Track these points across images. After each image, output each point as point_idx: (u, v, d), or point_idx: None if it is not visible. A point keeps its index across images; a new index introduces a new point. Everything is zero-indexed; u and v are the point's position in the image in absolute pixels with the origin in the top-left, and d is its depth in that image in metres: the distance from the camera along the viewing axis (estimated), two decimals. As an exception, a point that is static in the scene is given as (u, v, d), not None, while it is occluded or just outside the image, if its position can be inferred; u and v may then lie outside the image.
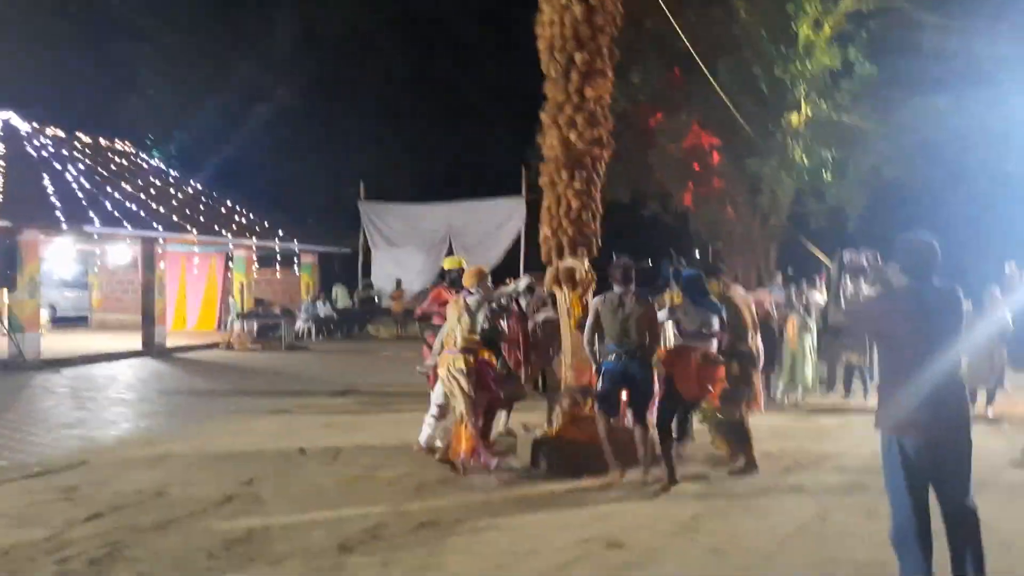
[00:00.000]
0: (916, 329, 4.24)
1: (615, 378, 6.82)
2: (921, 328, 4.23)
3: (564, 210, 7.74)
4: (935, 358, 4.21)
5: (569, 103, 7.65)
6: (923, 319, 4.24)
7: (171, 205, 19.01)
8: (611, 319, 6.84)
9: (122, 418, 10.26)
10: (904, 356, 4.28)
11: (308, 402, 11.43)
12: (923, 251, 4.35)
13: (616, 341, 6.84)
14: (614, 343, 6.85)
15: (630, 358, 6.80)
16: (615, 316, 6.82)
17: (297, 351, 18.94)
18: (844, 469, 7.62)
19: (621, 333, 6.78)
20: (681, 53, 17.95)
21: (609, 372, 6.85)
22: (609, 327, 6.89)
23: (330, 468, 7.51)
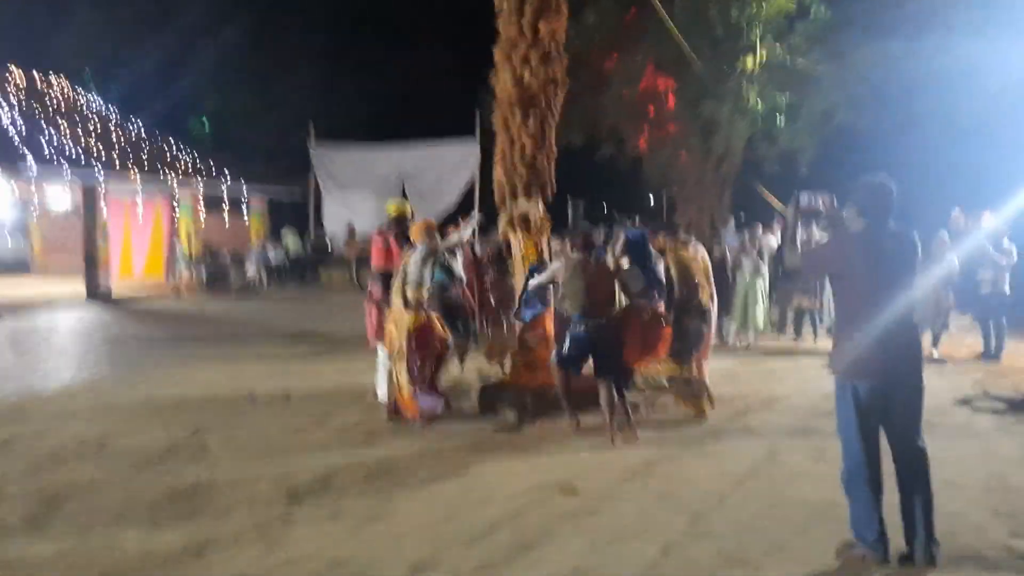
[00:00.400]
0: (871, 272, 4.20)
1: (583, 346, 6.66)
2: (876, 271, 4.19)
3: (518, 152, 7.57)
4: (889, 301, 4.18)
5: (523, 39, 7.42)
6: (878, 262, 4.20)
7: (111, 145, 18.31)
8: (573, 287, 6.71)
9: (63, 367, 9.96)
10: (859, 299, 4.25)
11: (257, 349, 11.21)
12: (880, 193, 4.29)
13: (581, 312, 6.67)
14: (579, 314, 6.69)
15: (596, 329, 6.62)
16: (577, 284, 6.67)
17: (247, 298, 18.58)
18: (794, 410, 7.69)
19: (587, 304, 6.64)
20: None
21: (577, 340, 6.67)
22: (572, 296, 6.76)
23: (279, 416, 7.37)
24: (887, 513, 4.25)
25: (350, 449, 6.32)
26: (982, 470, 5.89)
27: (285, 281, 21.92)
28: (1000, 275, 10.59)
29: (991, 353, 10.68)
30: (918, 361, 4.28)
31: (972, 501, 5.23)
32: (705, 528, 4.78)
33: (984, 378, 9.49)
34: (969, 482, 5.58)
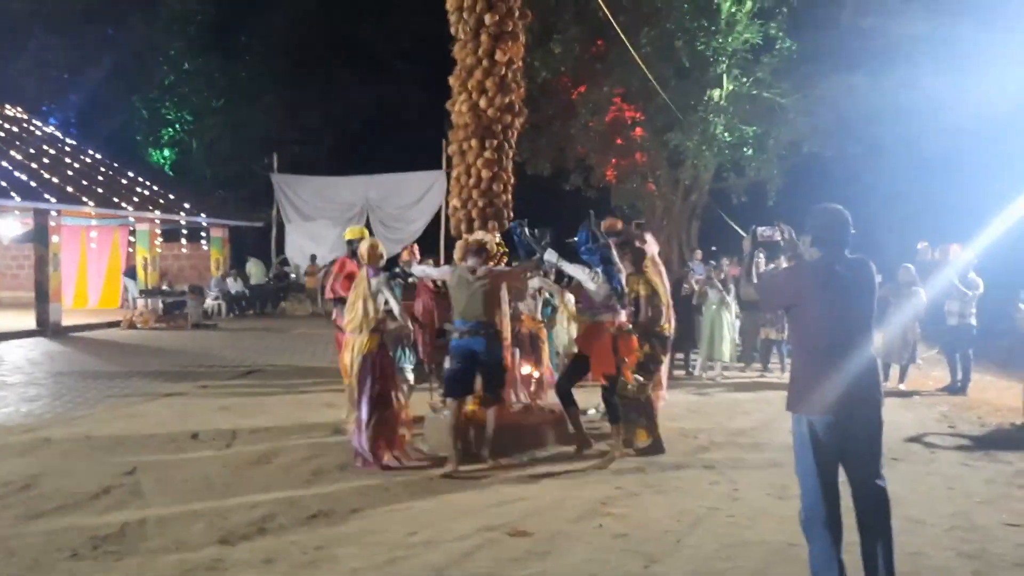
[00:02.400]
0: (826, 302, 4.01)
1: (462, 357, 6.46)
2: (831, 301, 4.00)
3: (474, 180, 7.38)
4: (846, 332, 4.00)
5: (479, 67, 7.26)
6: (833, 291, 4.01)
7: (66, 175, 17.89)
8: (458, 293, 6.49)
9: (1, 402, 9.51)
10: (814, 329, 4.05)
11: (208, 383, 10.84)
12: (834, 221, 4.12)
13: (462, 317, 6.49)
14: (460, 319, 6.50)
15: (473, 335, 6.43)
16: (462, 290, 6.47)
17: (204, 329, 18.15)
18: (759, 446, 7.48)
19: (467, 308, 6.43)
20: (603, 24, 17.69)
21: (455, 350, 6.50)
22: (456, 301, 6.56)
23: (222, 454, 7.02)
24: (847, 554, 4.02)
25: (292, 489, 6.00)
26: (947, 507, 5.70)
27: (245, 311, 21.50)
28: (967, 307, 10.52)
29: (957, 386, 10.59)
30: (876, 396, 4.07)
31: (935, 541, 5.02)
32: (661, 571, 4.53)
33: (950, 411, 9.40)
34: (933, 520, 5.39)
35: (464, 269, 6.57)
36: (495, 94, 7.22)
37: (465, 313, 6.44)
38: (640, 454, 6.96)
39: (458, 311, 6.50)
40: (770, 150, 19.84)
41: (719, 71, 19.68)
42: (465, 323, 6.43)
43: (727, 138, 19.87)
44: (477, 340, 6.40)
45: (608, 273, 6.63)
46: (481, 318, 6.41)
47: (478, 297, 6.41)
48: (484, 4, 7.16)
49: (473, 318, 6.41)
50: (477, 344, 6.39)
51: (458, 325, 6.47)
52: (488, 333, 6.44)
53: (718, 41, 19.40)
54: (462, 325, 6.44)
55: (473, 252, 6.60)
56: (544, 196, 23.23)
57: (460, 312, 6.48)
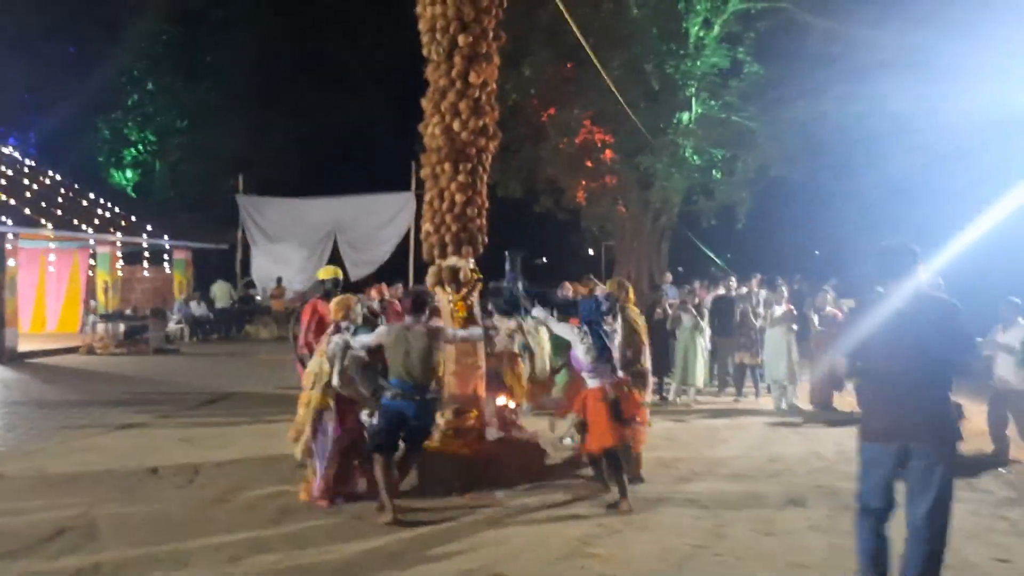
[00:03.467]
0: (889, 339, 4.08)
1: (392, 419, 6.06)
2: (902, 339, 4.06)
3: (447, 205, 7.15)
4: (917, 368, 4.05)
5: (452, 89, 7.06)
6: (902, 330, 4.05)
7: (24, 197, 17.39)
8: (394, 352, 6.10)
9: (-50, 435, 9.08)
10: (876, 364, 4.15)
11: (169, 412, 10.47)
12: (897, 259, 4.18)
13: (397, 377, 6.12)
14: (396, 379, 6.13)
15: (408, 399, 6.05)
16: (399, 349, 6.09)
17: (167, 355, 17.66)
18: (740, 476, 7.31)
19: (403, 369, 6.05)
20: (572, 47, 17.65)
21: (386, 411, 6.10)
22: (392, 361, 6.17)
23: (183, 491, 6.70)
24: None
25: (258, 528, 5.71)
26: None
27: (209, 335, 21.03)
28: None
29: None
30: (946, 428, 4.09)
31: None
32: (648, 619, 4.32)
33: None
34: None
35: (400, 327, 6.23)
36: (469, 117, 7.02)
37: (401, 373, 6.05)
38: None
39: (394, 370, 6.10)
40: (739, 173, 19.92)
41: (688, 94, 19.78)
42: (400, 384, 6.05)
43: (696, 161, 19.94)
44: (409, 405, 6.03)
45: (596, 335, 6.32)
46: (418, 380, 6.05)
47: (414, 357, 6.04)
48: (458, 25, 6.98)
49: (409, 380, 6.04)
50: (409, 409, 6.03)
51: (393, 384, 6.07)
52: (422, 399, 6.08)
53: (687, 65, 19.51)
54: (397, 386, 6.05)
55: (412, 309, 6.26)
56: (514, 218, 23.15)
57: (396, 372, 6.08)
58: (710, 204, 20.88)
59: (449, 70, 7.04)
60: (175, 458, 7.76)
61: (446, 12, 6.99)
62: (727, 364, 12.23)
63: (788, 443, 8.83)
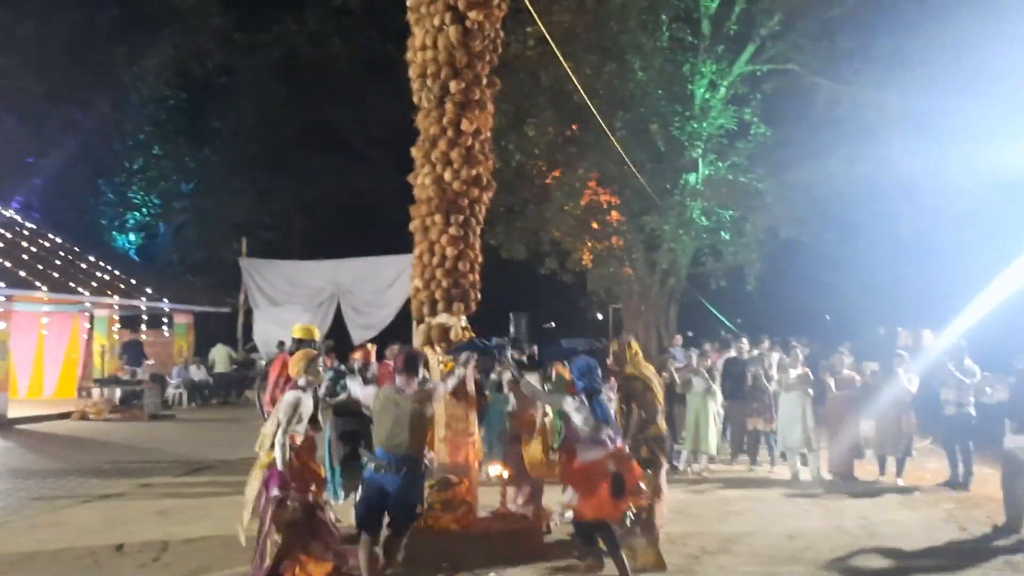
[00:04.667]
0: None
1: (373, 494, 5.49)
2: None
3: (437, 259, 6.74)
4: None
5: (443, 137, 6.70)
6: None
7: (20, 259, 17.08)
8: (381, 418, 5.53)
9: (-88, 508, 8.54)
10: None
11: (150, 482, 9.90)
12: None
13: (382, 446, 5.50)
14: (380, 448, 5.51)
15: (390, 472, 5.43)
16: (387, 415, 5.51)
17: (162, 420, 17.13)
18: (756, 555, 6.70)
19: (391, 438, 5.45)
20: (577, 107, 17.50)
21: (368, 484, 5.54)
22: (378, 427, 5.58)
23: (146, 570, 6.15)
24: None
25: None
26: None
27: (209, 400, 20.51)
28: (964, 395, 9.87)
29: (958, 480, 9.87)
30: None
31: None
32: None
33: (956, 509, 8.69)
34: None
35: (390, 390, 5.63)
36: (461, 166, 6.65)
37: (387, 443, 5.45)
38: None
39: (379, 438, 5.51)
40: (748, 234, 19.53)
41: (695, 155, 19.52)
42: (385, 455, 5.44)
43: (704, 222, 19.57)
44: (393, 479, 5.41)
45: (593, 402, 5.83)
46: (405, 451, 5.43)
47: (404, 424, 5.44)
48: (449, 71, 6.65)
49: (395, 450, 5.43)
50: (391, 483, 5.41)
51: (378, 456, 5.48)
52: (408, 471, 5.45)
53: (693, 126, 19.30)
54: (382, 457, 5.45)
55: (402, 368, 5.59)
56: (519, 280, 22.76)
57: (381, 440, 5.48)
58: (719, 266, 20.45)
59: (440, 117, 6.70)
60: (144, 533, 7.20)
61: (437, 57, 6.67)
62: (740, 430, 11.63)
63: (808, 517, 8.21)
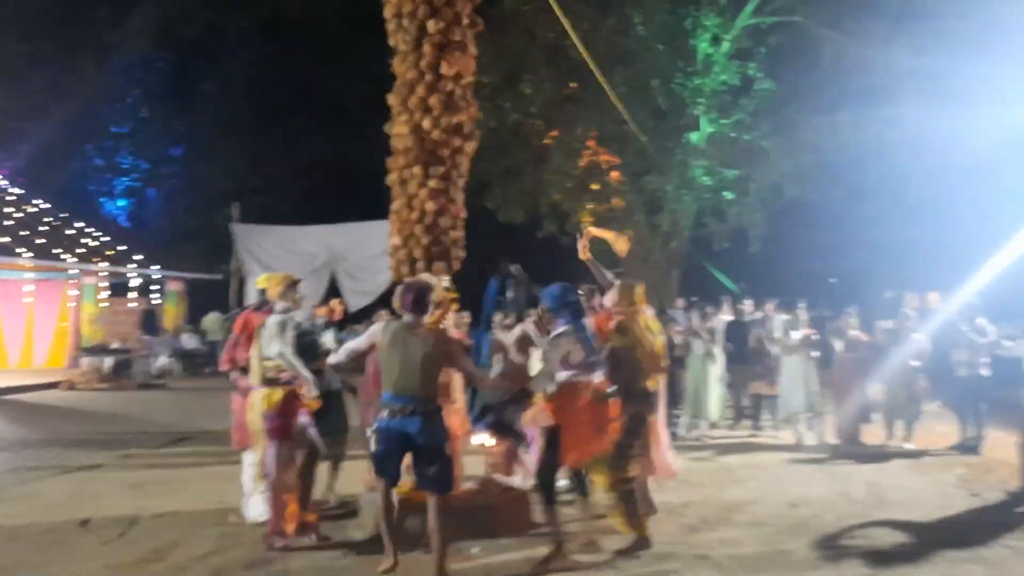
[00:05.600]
0: None
1: (391, 441, 4.99)
2: None
3: (417, 215, 6.29)
4: None
5: (421, 82, 6.22)
6: None
7: (3, 226, 16.66)
8: (391, 356, 5.01)
9: None
10: None
11: (129, 453, 9.56)
12: None
13: (393, 390, 5.00)
14: (390, 392, 5.01)
15: (408, 415, 4.92)
16: (395, 354, 5.02)
17: (152, 389, 16.83)
18: (758, 525, 6.31)
19: (400, 379, 4.96)
20: (575, 64, 16.89)
21: (383, 432, 5.01)
22: (387, 370, 5.06)
23: (108, 548, 5.75)
24: None
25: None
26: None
27: (201, 368, 20.18)
28: (976, 356, 9.45)
29: (969, 444, 9.48)
30: None
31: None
32: None
33: (968, 474, 8.29)
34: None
35: (401, 326, 5.12)
36: (441, 113, 6.16)
37: (396, 385, 4.95)
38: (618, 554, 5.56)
39: (388, 381, 4.99)
40: (752, 194, 18.97)
41: (697, 113, 18.90)
42: (397, 398, 4.93)
43: (707, 181, 19.00)
44: (410, 421, 4.89)
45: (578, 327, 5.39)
46: (417, 392, 4.94)
47: (415, 364, 4.93)
48: (426, 10, 6.12)
49: (406, 392, 4.92)
50: (410, 426, 4.89)
51: (386, 400, 4.98)
52: (426, 413, 4.93)
53: (695, 82, 18.66)
54: (392, 401, 4.94)
55: (412, 306, 5.07)
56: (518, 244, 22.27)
57: (391, 382, 4.97)
58: (722, 227, 19.88)
59: (417, 60, 6.21)
60: (114, 508, 6.82)
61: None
62: (742, 394, 11.25)
63: (813, 483, 7.82)
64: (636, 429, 5.73)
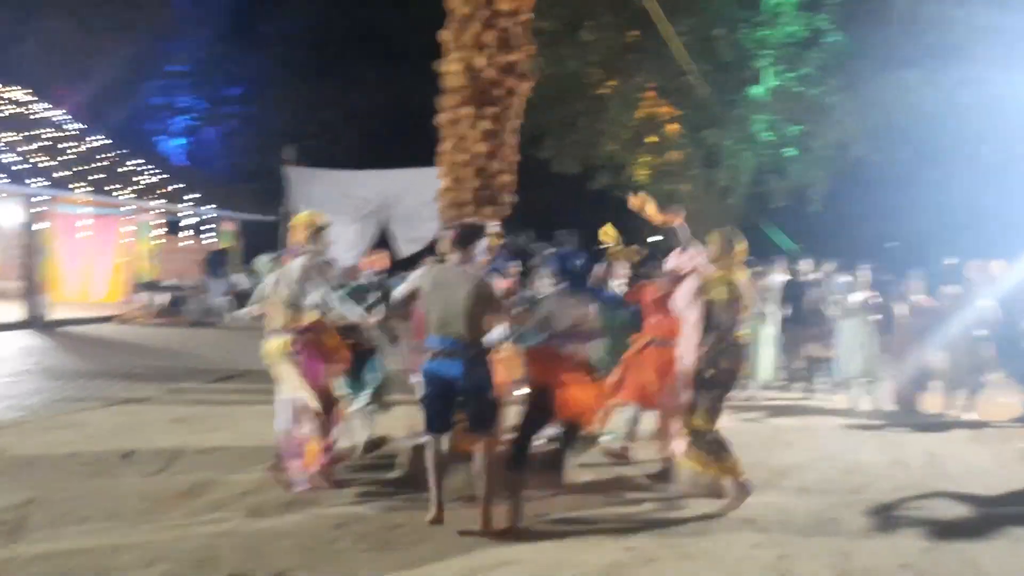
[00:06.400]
0: None
1: (436, 385, 4.91)
2: None
3: (467, 157, 6.09)
4: None
5: (476, 17, 5.96)
6: None
7: (61, 161, 16.84)
8: (433, 300, 4.92)
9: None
10: None
11: (179, 388, 9.65)
12: None
13: (437, 332, 4.88)
14: (435, 334, 4.90)
15: (451, 358, 4.84)
16: (438, 296, 4.90)
17: (205, 327, 17.06)
18: (808, 491, 6.10)
19: (442, 322, 4.86)
20: (637, 11, 16.37)
21: (427, 375, 4.96)
22: (430, 312, 4.94)
23: (149, 480, 5.78)
24: None
25: (214, 536, 4.73)
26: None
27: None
28: (1048, 326, 9.01)
29: (1035, 417, 9.09)
30: None
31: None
32: None
33: (1032, 448, 7.93)
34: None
35: (443, 269, 5.02)
36: (496, 52, 5.91)
37: (441, 327, 4.87)
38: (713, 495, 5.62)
39: (432, 323, 4.90)
40: (815, 152, 18.34)
41: (762, 65, 18.24)
42: (442, 341, 4.85)
43: (768, 137, 18.41)
44: (454, 364, 4.82)
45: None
46: (461, 335, 4.83)
47: (459, 306, 4.82)
48: (483, -60, 5.87)
49: (451, 335, 4.84)
50: (454, 369, 4.82)
51: (431, 343, 4.90)
52: (470, 355, 4.84)
53: (761, 33, 17.97)
54: (437, 343, 4.87)
55: (457, 242, 4.97)
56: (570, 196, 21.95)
57: (435, 325, 4.89)
58: (782, 185, 19.31)
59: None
60: (158, 441, 6.87)
61: (470, -78, 5.88)
62: (796, 356, 10.93)
63: (867, 450, 7.55)
64: (728, 383, 5.65)
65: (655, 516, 5.37)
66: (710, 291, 5.60)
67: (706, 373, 5.53)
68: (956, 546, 4.94)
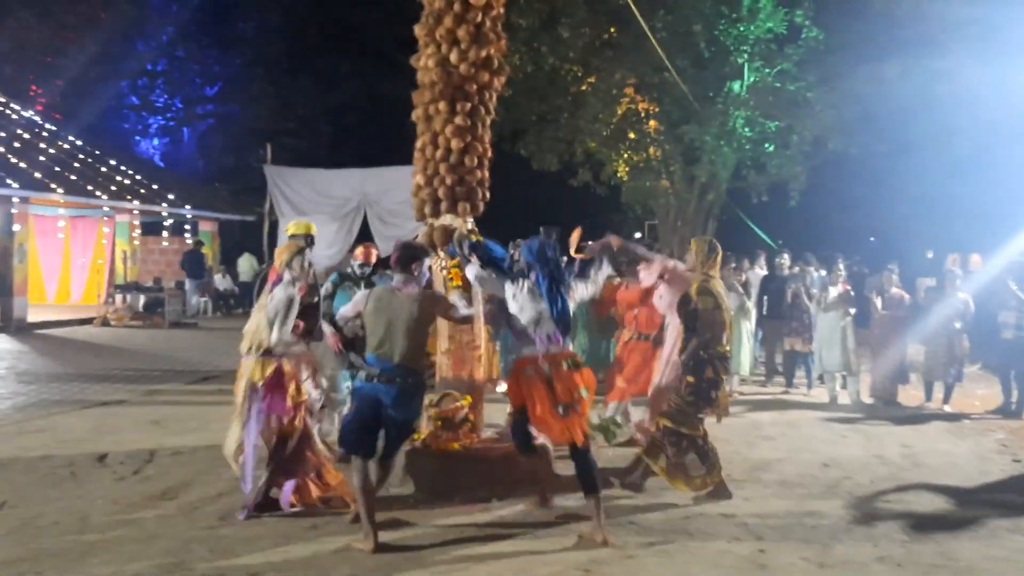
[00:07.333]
0: None
1: (365, 407, 4.79)
2: None
3: (441, 152, 6.01)
4: None
5: (450, 12, 5.89)
6: None
7: (37, 161, 16.61)
8: (374, 322, 4.78)
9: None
10: None
11: (155, 389, 9.56)
12: None
13: (375, 353, 4.76)
14: (373, 356, 4.80)
15: (386, 382, 4.71)
16: (380, 318, 4.74)
17: (183, 328, 16.91)
18: (787, 485, 6.10)
19: (383, 344, 4.72)
20: (615, 7, 16.36)
21: (359, 396, 4.86)
22: (370, 331, 4.84)
23: (121, 484, 5.70)
24: None
25: (187, 535, 4.67)
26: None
27: (234, 309, 20.26)
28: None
29: (1012, 408, 9.16)
30: None
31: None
32: None
33: (1009, 439, 7.99)
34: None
35: (383, 289, 4.91)
36: (469, 46, 5.85)
37: (379, 349, 4.73)
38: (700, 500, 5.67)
39: (371, 344, 4.78)
40: (793, 147, 18.41)
41: (740, 61, 18.28)
42: (378, 362, 4.71)
43: (747, 133, 18.45)
44: (386, 389, 4.68)
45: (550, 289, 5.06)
46: (398, 360, 4.69)
47: (399, 329, 4.69)
48: (456, -65, 5.81)
49: (387, 358, 4.69)
50: (387, 394, 4.68)
51: (369, 363, 4.78)
52: (405, 382, 4.71)
53: (739, 29, 18.01)
54: (373, 364, 4.73)
55: (399, 265, 4.81)
56: (550, 193, 21.93)
57: (374, 346, 4.76)
58: (761, 180, 19.36)
59: (446, -11, 5.88)
60: (133, 443, 6.79)
61: (441, -84, 5.82)
62: (775, 350, 10.96)
63: (846, 444, 7.57)
64: (709, 393, 5.66)
65: (633, 511, 5.34)
66: (695, 297, 5.64)
67: (687, 378, 5.62)
68: (934, 538, 4.95)
